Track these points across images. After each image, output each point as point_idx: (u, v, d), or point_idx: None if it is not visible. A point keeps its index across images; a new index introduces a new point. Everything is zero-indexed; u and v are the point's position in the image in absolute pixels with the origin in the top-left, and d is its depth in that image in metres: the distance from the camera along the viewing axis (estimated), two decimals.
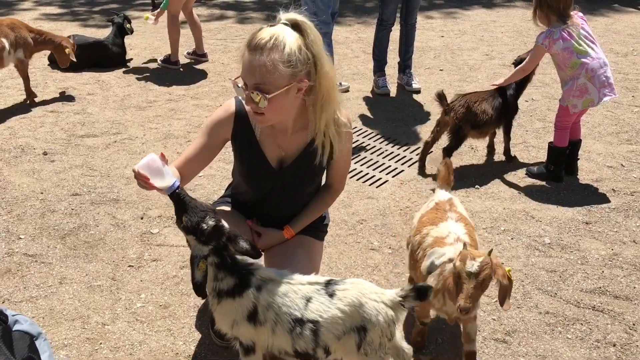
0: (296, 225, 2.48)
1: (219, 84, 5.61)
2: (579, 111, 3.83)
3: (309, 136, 2.34)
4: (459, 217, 2.52)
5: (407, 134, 4.68)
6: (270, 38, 2.04)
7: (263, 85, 2.07)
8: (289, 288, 2.04)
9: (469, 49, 6.62)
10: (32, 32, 5.02)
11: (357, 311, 1.96)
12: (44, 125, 4.75)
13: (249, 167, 2.42)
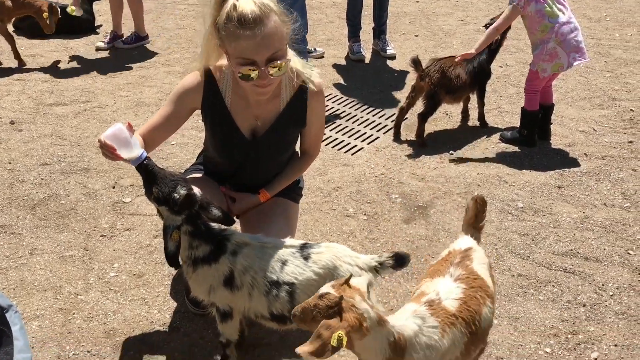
0: (272, 189, 2.46)
1: (191, 50, 5.50)
2: (548, 75, 3.83)
3: (281, 104, 2.31)
4: (463, 276, 1.93)
5: (382, 101, 4.66)
6: (255, 4, 1.99)
7: (279, 51, 2.04)
8: (264, 252, 2.05)
9: (444, 14, 6.58)
10: None
11: (332, 274, 1.98)
12: (10, 93, 4.62)
13: (221, 138, 2.38)
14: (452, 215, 3.30)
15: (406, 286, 2.79)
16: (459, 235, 2.19)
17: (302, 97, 2.29)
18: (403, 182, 3.61)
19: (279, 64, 2.04)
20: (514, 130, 4.12)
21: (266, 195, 2.45)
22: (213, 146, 2.43)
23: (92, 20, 5.98)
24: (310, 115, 2.34)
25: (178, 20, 6.26)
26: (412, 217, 3.30)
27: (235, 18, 1.99)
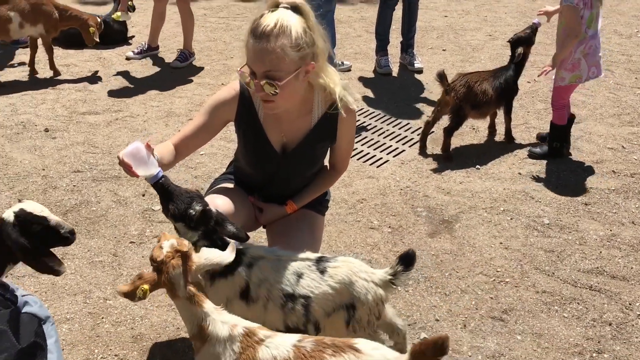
0: (299, 201, 2.49)
1: (221, 62, 5.59)
2: (565, 85, 3.84)
3: (312, 121, 2.34)
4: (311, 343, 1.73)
5: (409, 114, 4.67)
6: (276, 24, 2.04)
7: (274, 72, 2.07)
8: (280, 264, 2.06)
9: (472, 29, 6.58)
10: (57, 9, 5.08)
11: (347, 289, 1.98)
12: (45, 102, 4.75)
13: (253, 150, 2.43)
14: (477, 230, 3.30)
15: (430, 300, 2.80)
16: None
17: (333, 118, 2.32)
18: (428, 196, 3.62)
19: (271, 83, 2.06)
20: (542, 145, 4.11)
21: (293, 206, 2.49)
22: (244, 157, 2.48)
23: (125, 32, 6.12)
24: (340, 134, 2.37)
25: (209, 33, 6.37)
26: (437, 231, 3.30)
27: (254, 26, 2.07)
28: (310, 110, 2.33)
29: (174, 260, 1.75)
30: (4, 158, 3.93)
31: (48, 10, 5.00)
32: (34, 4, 4.93)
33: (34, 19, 4.93)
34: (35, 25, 4.97)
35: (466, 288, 2.88)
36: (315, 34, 2.12)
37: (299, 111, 2.32)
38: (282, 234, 2.46)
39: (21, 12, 4.85)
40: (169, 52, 5.80)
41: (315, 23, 2.14)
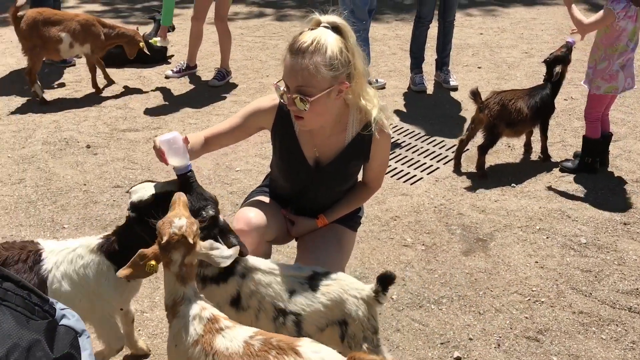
0: (330, 216, 2.51)
1: (257, 80, 5.69)
2: (599, 94, 3.82)
3: (346, 139, 2.37)
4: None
5: (443, 132, 4.67)
6: (312, 41, 2.08)
7: (305, 87, 2.11)
8: (273, 279, 2.08)
9: (508, 46, 6.55)
10: (105, 27, 5.30)
11: (339, 306, 2.01)
12: (87, 119, 4.90)
13: (287, 162, 2.48)
14: (512, 249, 3.27)
15: (463, 318, 2.78)
16: None
17: (367, 138, 2.34)
18: (463, 214, 3.60)
19: (302, 98, 2.11)
20: (574, 160, 4.08)
21: (324, 221, 2.51)
22: (278, 168, 2.54)
23: (164, 51, 6.28)
24: (373, 155, 2.39)
25: (245, 52, 6.48)
26: (472, 249, 3.28)
27: (292, 42, 2.13)
28: (344, 129, 2.36)
29: (177, 243, 1.79)
30: (47, 173, 4.06)
31: (96, 31, 5.21)
32: (84, 24, 5.14)
33: (83, 39, 5.14)
34: (83, 45, 5.18)
35: (500, 307, 2.85)
36: (352, 55, 2.15)
37: (333, 128, 2.35)
38: (311, 247, 2.49)
39: (72, 33, 5.06)
40: (207, 71, 5.93)
41: (354, 44, 2.17)
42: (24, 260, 2.09)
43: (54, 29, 4.99)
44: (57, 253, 2.15)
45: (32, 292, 1.31)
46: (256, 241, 2.39)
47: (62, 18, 5.11)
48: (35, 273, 2.08)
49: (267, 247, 2.50)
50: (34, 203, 3.72)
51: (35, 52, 5.01)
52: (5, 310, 1.22)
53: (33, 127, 4.75)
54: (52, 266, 2.11)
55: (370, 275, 3.06)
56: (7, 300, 1.24)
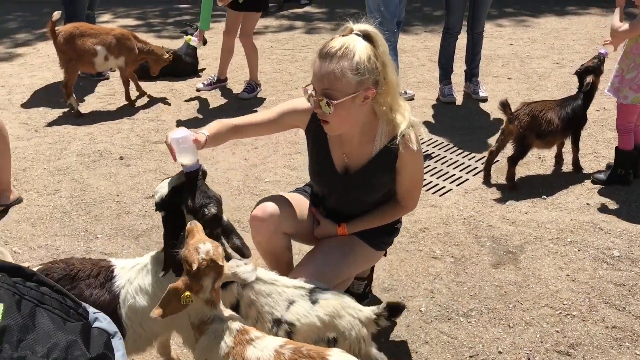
0: (352, 226, 2.52)
1: (286, 92, 5.74)
2: (627, 104, 3.76)
3: (374, 150, 2.38)
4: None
5: (473, 143, 4.65)
6: (341, 47, 2.12)
7: (330, 91, 2.15)
8: (274, 289, 2.10)
9: (539, 57, 6.49)
10: (139, 43, 5.48)
11: (334, 322, 2.01)
12: (120, 131, 5.00)
13: (316, 163, 2.53)
14: (543, 262, 3.23)
15: (493, 331, 2.75)
16: None
17: (394, 151, 2.34)
18: (492, 226, 3.57)
19: (327, 101, 2.14)
20: (606, 171, 4.02)
21: (344, 230, 2.53)
22: (310, 170, 2.60)
23: (195, 64, 6.39)
24: (400, 169, 2.38)
25: (275, 64, 6.55)
26: (501, 262, 3.25)
27: (322, 47, 2.18)
28: (373, 139, 2.37)
29: (207, 269, 1.81)
30: (81, 184, 4.15)
31: (130, 45, 5.37)
32: (119, 38, 5.30)
33: (117, 52, 5.30)
34: (118, 58, 5.33)
35: (531, 320, 2.82)
36: (382, 64, 2.18)
37: (362, 137, 2.37)
38: (316, 250, 2.53)
39: (107, 46, 5.23)
40: (237, 84, 6.01)
41: (385, 54, 2.19)
42: (95, 276, 2.12)
43: (90, 42, 5.16)
44: (129, 270, 2.17)
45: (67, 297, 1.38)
46: (270, 229, 2.45)
47: (97, 32, 5.27)
48: (107, 290, 2.10)
49: (285, 239, 2.53)
50: (69, 213, 3.80)
51: (71, 65, 5.17)
52: (44, 312, 1.29)
53: (68, 139, 4.87)
54: (125, 283, 2.12)
55: (399, 287, 3.05)
56: (44, 303, 1.30)
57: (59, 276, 2.08)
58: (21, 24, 8.82)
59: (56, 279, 2.03)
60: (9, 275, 1.32)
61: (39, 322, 1.26)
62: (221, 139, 2.45)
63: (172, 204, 2.13)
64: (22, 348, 1.18)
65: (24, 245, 3.48)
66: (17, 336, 1.19)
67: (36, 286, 1.33)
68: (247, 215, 3.68)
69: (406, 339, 2.71)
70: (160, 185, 2.19)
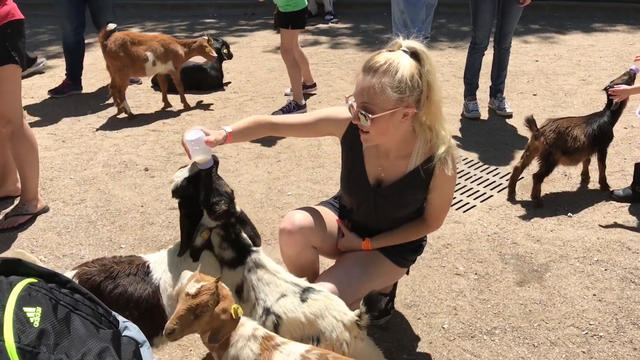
0: (376, 242, 2.52)
1: (310, 107, 5.76)
2: None
3: (409, 167, 2.37)
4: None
5: (497, 159, 4.61)
6: (385, 62, 2.13)
7: (369, 105, 2.15)
8: (274, 279, 2.22)
9: (565, 73, 6.44)
10: (182, 45, 5.71)
11: (316, 322, 2.09)
12: (145, 143, 5.06)
13: (349, 174, 2.53)
14: (568, 280, 3.18)
15: (517, 350, 2.70)
16: None
17: (428, 171, 2.33)
18: (517, 243, 3.53)
19: (362, 114, 2.16)
20: (626, 188, 3.96)
21: (368, 245, 2.52)
22: (343, 179, 2.59)
23: (220, 78, 6.45)
24: (432, 189, 2.38)
25: None
26: (526, 280, 3.20)
27: (367, 60, 2.19)
28: (409, 156, 2.36)
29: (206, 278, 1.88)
30: (107, 195, 4.20)
31: (175, 48, 5.62)
32: (163, 43, 5.56)
33: (165, 57, 5.55)
34: (166, 62, 5.58)
35: (556, 340, 2.77)
36: (426, 84, 2.16)
37: (398, 152, 2.37)
38: (339, 263, 2.53)
39: (155, 52, 5.48)
40: (261, 97, 6.05)
41: (430, 73, 2.16)
42: (134, 274, 2.24)
43: (141, 49, 5.41)
44: (162, 262, 2.30)
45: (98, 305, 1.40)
46: (301, 242, 2.44)
47: (144, 39, 5.54)
48: (148, 283, 2.23)
49: (313, 253, 2.52)
50: (94, 223, 3.85)
51: (124, 71, 5.43)
52: (78, 318, 1.31)
53: (95, 150, 4.94)
54: (162, 274, 2.26)
55: (421, 304, 3.02)
56: (78, 309, 1.34)
57: (101, 278, 2.17)
58: (52, 36, 9.01)
59: (99, 282, 2.15)
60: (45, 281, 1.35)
61: (73, 327, 1.29)
62: (251, 134, 2.49)
63: (186, 192, 2.27)
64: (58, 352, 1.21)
65: (49, 253, 3.53)
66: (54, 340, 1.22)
67: (70, 293, 1.36)
68: (270, 228, 3.69)
69: (429, 356, 2.68)
70: (176, 175, 2.31)
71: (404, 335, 2.82)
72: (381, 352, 2.27)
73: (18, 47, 3.53)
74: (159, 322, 2.16)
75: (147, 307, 2.19)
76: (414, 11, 4.81)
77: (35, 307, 1.25)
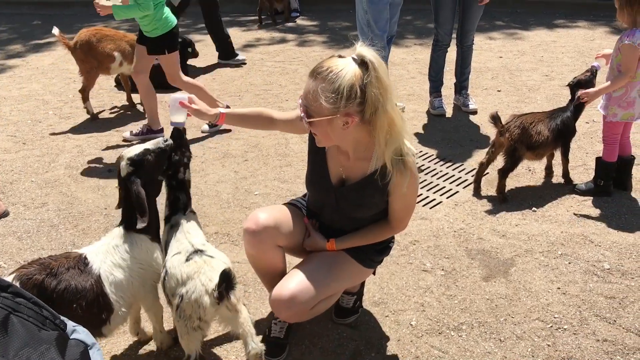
0: (340, 243, 2.51)
1: (277, 104, 5.73)
2: (616, 121, 3.81)
3: (369, 169, 2.36)
4: None
5: (463, 155, 4.65)
6: (327, 69, 2.11)
7: (308, 108, 2.18)
8: (182, 238, 2.44)
9: (528, 69, 6.53)
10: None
11: (186, 282, 2.25)
12: (109, 143, 4.97)
13: (312, 172, 2.53)
14: (534, 275, 3.22)
15: (484, 345, 2.73)
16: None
17: (385, 175, 2.31)
18: (483, 238, 3.56)
19: (305, 118, 2.20)
20: (588, 182, 4.05)
21: (332, 246, 2.51)
22: (307, 179, 2.60)
23: None
24: (392, 191, 2.36)
25: (265, 77, 6.55)
26: (492, 275, 3.24)
27: (317, 63, 2.19)
28: (369, 158, 2.35)
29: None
30: (69, 197, 4.11)
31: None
32: (133, 44, 5.30)
33: (131, 58, 5.32)
34: (131, 64, 5.36)
35: (522, 334, 2.80)
36: (370, 94, 2.10)
37: (356, 154, 2.36)
38: (305, 262, 2.53)
39: (123, 52, 5.33)
40: (227, 95, 5.99)
41: (373, 84, 2.10)
42: (74, 267, 2.28)
43: (109, 48, 5.26)
44: (97, 252, 2.37)
45: (43, 308, 1.39)
46: (265, 242, 2.43)
47: (113, 37, 5.34)
48: (89, 274, 2.28)
49: (278, 252, 2.51)
50: (56, 227, 3.76)
51: (92, 73, 5.31)
52: (17, 320, 1.31)
53: (56, 151, 4.84)
54: (100, 264, 2.33)
55: (389, 301, 3.03)
56: (19, 312, 1.34)
57: (43, 276, 2.18)
58: (12, 35, 8.79)
59: (41, 280, 2.17)
60: None
61: (12, 329, 1.28)
62: (248, 122, 2.68)
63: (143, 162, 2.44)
64: None
65: (9, 259, 3.44)
66: None
67: (12, 297, 1.34)
68: (237, 229, 3.66)
69: (397, 353, 2.69)
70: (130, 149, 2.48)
71: (372, 333, 2.82)
72: (250, 329, 2.30)
73: None
74: (106, 310, 2.28)
75: (93, 296, 2.24)
76: (376, 11, 4.81)
77: None
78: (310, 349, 2.72)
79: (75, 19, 9.16)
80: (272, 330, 2.69)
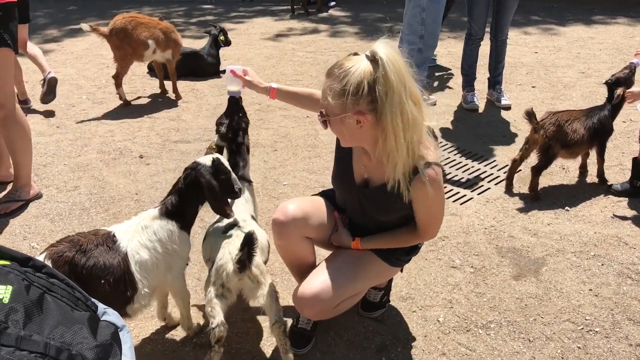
0: (366, 243, 2.46)
1: None
2: None
3: (385, 180, 2.28)
4: None
5: (495, 151, 4.58)
6: (340, 67, 2.08)
7: (323, 107, 2.17)
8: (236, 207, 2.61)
9: (564, 66, 6.40)
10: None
11: (219, 250, 2.38)
12: (141, 130, 5.01)
13: (337, 169, 2.51)
14: (565, 275, 3.16)
15: (512, 345, 2.69)
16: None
17: (409, 178, 2.20)
18: (514, 236, 3.51)
19: (320, 116, 2.19)
20: (624, 182, 3.95)
21: (357, 245, 2.47)
22: (333, 174, 2.58)
23: (217, 65, 6.39)
24: (414, 201, 2.27)
25: (297, 67, 6.54)
26: (522, 274, 3.19)
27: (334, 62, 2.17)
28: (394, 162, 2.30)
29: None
30: (101, 182, 4.16)
31: (176, 37, 5.55)
32: (165, 32, 5.45)
33: (165, 46, 5.45)
34: (165, 51, 5.48)
35: (552, 335, 2.75)
36: (381, 91, 2.01)
37: (378, 156, 2.25)
38: (331, 258, 2.51)
39: (156, 40, 5.37)
40: None
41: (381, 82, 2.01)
42: (102, 244, 2.31)
43: (143, 35, 5.29)
44: (126, 231, 2.39)
45: (76, 290, 1.42)
46: (293, 233, 2.42)
47: (148, 24, 5.39)
48: (117, 251, 2.31)
49: (307, 244, 2.50)
50: (87, 210, 3.81)
51: (127, 59, 5.36)
52: (52, 299, 1.34)
53: (89, 136, 4.89)
54: (128, 242, 2.35)
55: (416, 297, 3.00)
56: (53, 291, 1.36)
57: (73, 253, 2.22)
58: (48, 20, 8.92)
59: (71, 257, 2.20)
60: (20, 265, 1.35)
61: (47, 307, 1.30)
62: (297, 101, 2.73)
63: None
64: (28, 329, 1.21)
65: (42, 240, 3.49)
66: (24, 317, 1.23)
67: (46, 277, 1.37)
68: (265, 218, 3.66)
69: (423, 349, 2.66)
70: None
71: (399, 328, 2.80)
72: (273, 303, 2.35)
73: (10, 30, 3.47)
74: (131, 288, 2.31)
75: (120, 273, 2.28)
76: (436, 9, 4.75)
77: (6, 285, 1.25)
78: (336, 340, 2.71)
79: (110, 6, 9.26)
80: (300, 321, 2.68)
